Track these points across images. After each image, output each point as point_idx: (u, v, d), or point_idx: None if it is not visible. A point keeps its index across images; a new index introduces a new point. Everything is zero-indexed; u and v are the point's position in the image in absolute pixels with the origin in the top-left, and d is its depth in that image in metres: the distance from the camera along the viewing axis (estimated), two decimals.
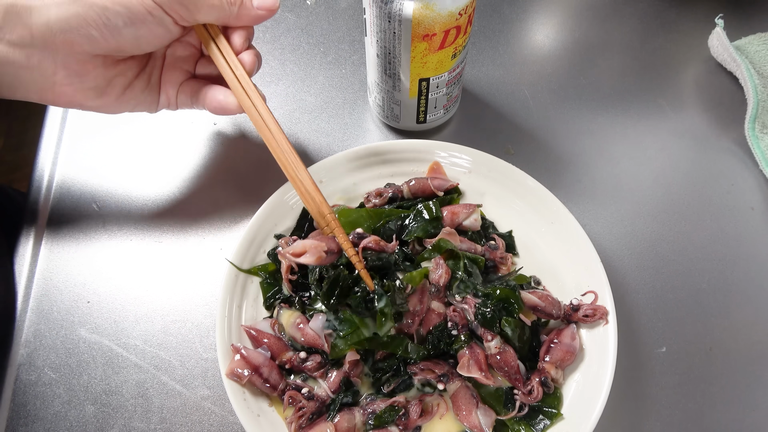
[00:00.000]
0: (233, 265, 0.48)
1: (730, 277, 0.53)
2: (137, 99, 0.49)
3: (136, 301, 0.52)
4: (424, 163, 0.54)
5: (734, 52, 0.61)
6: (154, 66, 0.50)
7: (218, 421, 0.47)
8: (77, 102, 0.47)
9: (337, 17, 0.68)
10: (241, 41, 0.48)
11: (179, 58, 0.51)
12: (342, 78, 0.64)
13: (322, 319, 0.46)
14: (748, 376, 0.49)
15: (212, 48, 0.48)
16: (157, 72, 0.50)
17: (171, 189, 0.57)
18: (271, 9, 0.48)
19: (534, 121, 0.61)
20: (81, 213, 0.55)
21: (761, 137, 0.58)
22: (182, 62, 0.51)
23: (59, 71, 0.44)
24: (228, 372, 0.44)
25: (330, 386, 0.44)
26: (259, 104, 0.47)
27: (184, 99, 0.51)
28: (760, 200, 0.57)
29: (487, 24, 0.68)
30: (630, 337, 0.50)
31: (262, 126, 0.47)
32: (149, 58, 0.50)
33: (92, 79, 0.46)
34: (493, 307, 0.44)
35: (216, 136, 0.60)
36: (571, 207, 0.54)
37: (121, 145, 0.60)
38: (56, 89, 0.45)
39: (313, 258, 0.43)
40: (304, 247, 0.43)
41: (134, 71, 0.48)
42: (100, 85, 0.46)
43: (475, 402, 0.44)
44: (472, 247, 0.49)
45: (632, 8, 0.69)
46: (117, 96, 0.48)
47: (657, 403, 0.48)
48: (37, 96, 0.46)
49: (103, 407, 0.48)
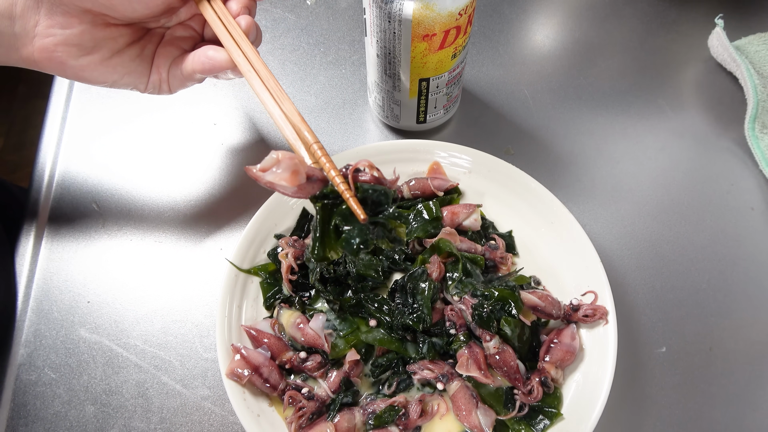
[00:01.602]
0: (233, 265, 0.48)
1: (730, 277, 0.53)
2: (125, 67, 0.46)
3: (136, 301, 0.52)
4: (424, 163, 0.54)
5: (734, 52, 0.61)
6: (150, 41, 0.47)
7: (218, 421, 0.47)
8: (57, 59, 0.43)
9: (337, 17, 0.68)
10: (238, 7, 0.46)
11: (178, 38, 0.48)
12: (342, 78, 0.64)
13: (322, 319, 0.46)
14: (748, 376, 0.49)
15: (206, 8, 0.45)
16: (152, 46, 0.47)
17: (171, 189, 0.57)
18: None
19: (534, 121, 0.61)
20: (81, 213, 0.55)
21: (761, 137, 0.58)
22: (180, 41, 0.48)
23: (42, 21, 0.41)
24: (228, 372, 0.44)
25: (330, 386, 0.44)
26: (252, 55, 0.44)
27: (175, 73, 0.47)
28: (760, 200, 0.57)
29: (487, 24, 0.68)
30: (630, 337, 0.50)
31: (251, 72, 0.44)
32: (147, 33, 0.47)
33: (77, 35, 0.42)
34: (490, 308, 0.44)
35: (216, 136, 0.60)
36: (571, 207, 0.54)
37: (121, 146, 0.60)
38: (36, 42, 0.42)
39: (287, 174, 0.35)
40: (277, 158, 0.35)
41: (126, 39, 0.45)
42: (85, 43, 0.43)
43: (475, 402, 0.44)
44: (472, 247, 0.49)
45: (632, 8, 0.69)
46: (102, 59, 0.44)
47: (657, 403, 0.48)
48: (16, 53, 0.43)
49: (103, 407, 0.48)
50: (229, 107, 0.61)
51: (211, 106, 0.62)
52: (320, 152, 0.40)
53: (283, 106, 0.43)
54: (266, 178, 0.36)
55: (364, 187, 0.39)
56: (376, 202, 0.40)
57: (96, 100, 0.62)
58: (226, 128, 0.60)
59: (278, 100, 0.43)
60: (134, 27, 0.46)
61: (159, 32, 0.48)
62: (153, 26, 0.48)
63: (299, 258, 0.47)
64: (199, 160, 0.58)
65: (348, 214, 0.38)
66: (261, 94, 0.43)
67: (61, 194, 0.56)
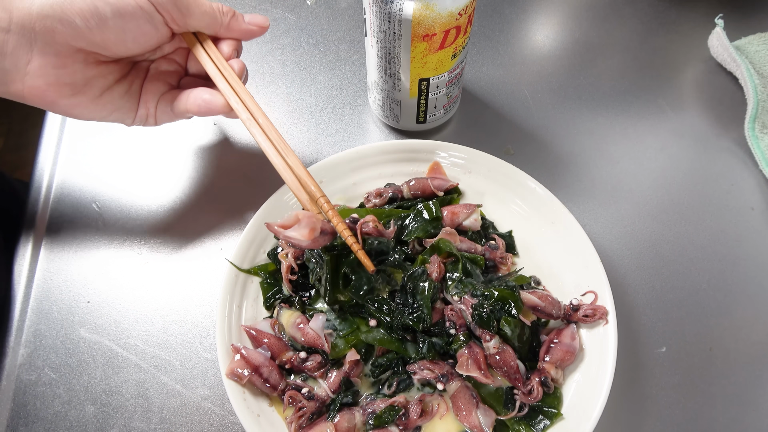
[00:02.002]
0: (233, 265, 0.48)
1: (730, 277, 0.53)
2: (114, 104, 0.46)
3: (136, 301, 0.52)
4: (424, 163, 0.54)
5: (734, 52, 0.61)
6: (137, 75, 0.48)
7: (218, 421, 0.47)
8: (49, 98, 0.43)
9: (337, 17, 0.68)
10: (229, 50, 0.47)
11: (163, 72, 0.49)
12: (342, 78, 0.64)
13: (322, 319, 0.46)
14: (748, 376, 0.49)
15: (200, 51, 0.47)
16: (138, 81, 0.48)
17: (171, 189, 0.57)
18: (261, 26, 0.48)
19: (534, 121, 0.61)
20: (81, 213, 0.55)
21: (761, 137, 0.58)
22: (166, 76, 0.49)
23: (34, 60, 0.41)
24: (228, 372, 0.44)
25: (330, 386, 0.44)
26: (248, 101, 0.46)
27: (164, 109, 0.48)
28: (760, 200, 0.57)
29: (487, 24, 0.68)
30: (630, 337, 0.50)
31: (251, 121, 0.46)
32: (132, 67, 0.48)
33: (69, 74, 0.43)
34: (490, 308, 0.44)
35: (216, 137, 0.60)
36: (571, 207, 0.54)
37: (122, 146, 0.60)
38: (27, 80, 0.42)
39: (306, 231, 0.39)
40: (296, 217, 0.39)
41: (115, 76, 0.46)
42: (77, 82, 0.43)
43: (475, 402, 0.44)
44: (472, 247, 0.49)
45: (632, 8, 0.69)
46: (93, 98, 0.45)
47: (657, 403, 0.48)
48: (4, 87, 0.42)
49: (103, 407, 0.48)
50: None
51: None
52: (327, 206, 0.43)
53: (288, 159, 0.45)
54: (286, 233, 0.40)
55: (369, 240, 0.43)
56: (379, 251, 0.44)
57: None
58: (226, 128, 0.60)
59: (282, 152, 0.45)
60: (122, 63, 0.47)
61: (144, 66, 0.49)
62: (139, 60, 0.49)
63: (299, 258, 0.47)
64: (199, 160, 0.58)
65: (356, 264, 0.43)
66: (262, 143, 0.46)
67: (61, 194, 0.56)
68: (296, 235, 0.39)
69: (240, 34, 0.48)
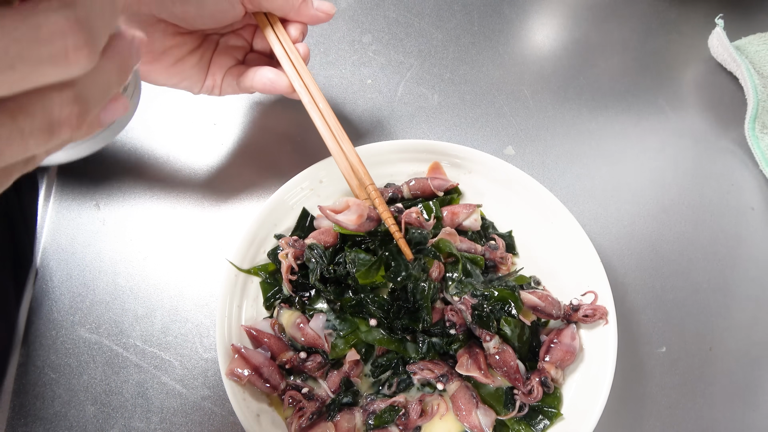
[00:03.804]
0: (233, 265, 0.48)
1: (730, 277, 0.53)
2: (185, 74, 0.49)
3: (136, 301, 0.52)
4: (424, 163, 0.54)
5: (734, 52, 0.61)
6: (208, 48, 0.51)
7: (218, 421, 0.47)
8: None
9: (337, 17, 0.68)
10: (296, 33, 0.50)
11: (231, 47, 0.52)
12: (342, 78, 0.64)
13: (322, 319, 0.46)
14: (748, 376, 0.49)
15: (269, 32, 0.49)
16: (208, 53, 0.51)
17: (171, 189, 0.57)
18: (328, 13, 0.50)
19: (534, 121, 0.61)
20: (81, 213, 0.55)
21: (761, 137, 0.58)
22: (233, 51, 0.52)
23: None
24: (228, 372, 0.44)
25: (330, 386, 0.44)
26: (311, 85, 0.49)
27: (229, 82, 0.51)
28: (760, 200, 0.57)
29: (487, 24, 0.68)
30: (630, 337, 0.50)
31: (312, 105, 0.48)
32: (204, 40, 0.51)
33: (150, 42, 0.46)
34: (490, 308, 0.44)
35: (216, 137, 0.60)
36: (571, 207, 0.54)
37: (122, 146, 0.59)
38: None
39: (355, 216, 0.43)
40: (347, 203, 0.43)
41: (189, 47, 0.49)
42: (155, 50, 0.47)
43: (474, 402, 0.44)
44: (472, 247, 0.49)
45: (632, 8, 0.69)
46: (168, 66, 0.48)
47: (657, 403, 0.48)
48: None
49: (103, 407, 0.48)
50: (229, 107, 0.61)
51: (211, 106, 0.61)
52: (375, 194, 0.46)
53: (343, 145, 0.48)
54: (336, 217, 0.43)
55: (411, 230, 0.45)
56: (418, 242, 0.46)
57: None
58: (226, 128, 0.60)
59: (338, 138, 0.48)
60: (196, 35, 0.50)
61: (214, 39, 0.52)
62: (210, 33, 0.51)
63: (299, 258, 0.47)
64: (199, 160, 0.58)
65: (396, 251, 0.44)
66: (320, 127, 0.48)
67: (61, 194, 0.56)
68: (345, 219, 0.43)
69: (308, 18, 0.50)
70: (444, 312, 0.46)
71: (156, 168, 0.58)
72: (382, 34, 0.66)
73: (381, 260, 0.44)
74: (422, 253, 0.45)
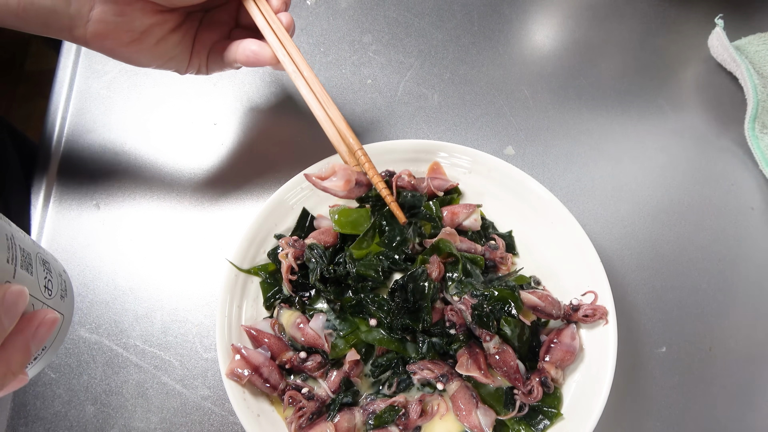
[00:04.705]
0: (233, 265, 0.48)
1: (730, 277, 0.53)
2: (169, 53, 0.49)
3: (136, 301, 0.52)
4: (424, 163, 0.54)
5: (734, 52, 0.61)
6: (191, 26, 0.50)
7: (218, 421, 0.47)
8: (108, 45, 0.46)
9: (337, 17, 0.68)
10: (278, 3, 0.49)
11: (215, 23, 0.51)
12: (342, 78, 0.64)
13: (322, 319, 0.46)
14: (748, 376, 0.49)
15: (250, 3, 0.48)
16: (191, 31, 0.50)
17: (171, 189, 0.57)
18: None
19: (534, 121, 0.61)
20: (81, 212, 0.55)
21: (761, 137, 0.58)
22: (217, 27, 0.51)
23: (96, 7, 0.44)
24: (228, 372, 0.44)
25: (330, 386, 0.44)
26: (294, 54, 0.48)
27: (215, 59, 0.51)
28: (760, 200, 0.57)
29: (487, 24, 0.68)
30: (630, 337, 0.50)
31: (297, 74, 0.47)
32: (186, 18, 0.50)
33: (128, 21, 0.45)
34: (490, 308, 0.44)
35: (216, 137, 0.60)
36: (571, 207, 0.54)
37: (122, 146, 0.60)
38: (89, 26, 0.44)
39: (342, 181, 0.41)
40: (333, 168, 0.42)
41: (170, 25, 0.48)
42: (135, 29, 0.46)
43: (474, 402, 0.44)
44: (472, 247, 0.49)
45: (632, 8, 0.69)
46: (150, 46, 0.47)
47: (657, 403, 0.48)
48: (68, 33, 0.45)
49: (103, 407, 0.48)
50: (229, 107, 0.61)
51: (211, 106, 0.61)
52: (364, 158, 0.45)
53: (329, 111, 0.47)
54: (323, 184, 0.42)
55: (403, 193, 0.45)
56: (411, 205, 0.45)
57: (96, 100, 0.62)
58: (226, 128, 0.60)
59: (324, 105, 0.47)
60: (177, 13, 0.49)
61: (197, 17, 0.51)
62: (192, 11, 0.50)
63: (299, 258, 0.47)
64: (199, 160, 0.58)
65: (389, 216, 0.44)
66: (306, 95, 0.47)
67: (62, 194, 0.56)
68: (332, 186, 0.42)
69: None
70: (444, 312, 0.46)
71: (156, 168, 0.58)
72: (383, 34, 0.66)
73: (374, 227, 0.43)
74: (416, 216, 0.44)
